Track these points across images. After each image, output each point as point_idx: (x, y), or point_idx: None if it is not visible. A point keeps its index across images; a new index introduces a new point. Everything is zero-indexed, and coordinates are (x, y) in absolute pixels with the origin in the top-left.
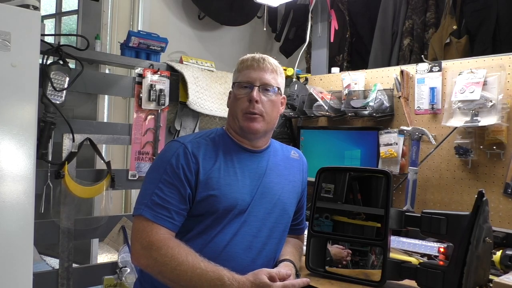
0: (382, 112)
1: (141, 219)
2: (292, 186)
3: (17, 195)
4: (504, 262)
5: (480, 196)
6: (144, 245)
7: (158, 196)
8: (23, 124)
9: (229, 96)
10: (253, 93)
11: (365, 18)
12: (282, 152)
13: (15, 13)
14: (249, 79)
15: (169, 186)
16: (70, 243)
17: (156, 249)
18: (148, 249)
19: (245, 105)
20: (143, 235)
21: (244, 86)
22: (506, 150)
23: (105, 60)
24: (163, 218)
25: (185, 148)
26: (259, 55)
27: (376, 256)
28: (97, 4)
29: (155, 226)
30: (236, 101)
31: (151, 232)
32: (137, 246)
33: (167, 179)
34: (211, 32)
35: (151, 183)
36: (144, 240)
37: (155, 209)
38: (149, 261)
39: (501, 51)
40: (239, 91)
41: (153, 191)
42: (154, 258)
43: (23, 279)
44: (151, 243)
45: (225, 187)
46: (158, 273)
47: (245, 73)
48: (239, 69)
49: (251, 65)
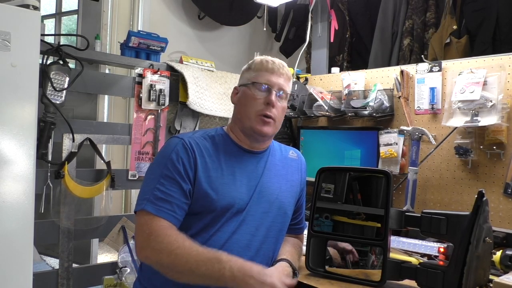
0: (382, 112)
1: (143, 213)
2: (290, 185)
3: (17, 195)
4: (504, 262)
5: (480, 196)
6: (145, 237)
7: (160, 190)
8: (23, 124)
9: (235, 91)
10: (272, 97)
11: (365, 18)
12: (281, 152)
13: (15, 13)
14: (268, 82)
15: (170, 181)
16: (70, 243)
17: (154, 238)
18: (147, 240)
19: (261, 107)
20: (144, 228)
21: (263, 88)
22: (506, 150)
23: (105, 60)
24: (165, 211)
25: (184, 143)
26: (278, 60)
27: (376, 256)
28: (97, 4)
29: (156, 219)
30: (251, 101)
31: (152, 225)
32: (139, 239)
33: (168, 174)
34: (211, 32)
35: (152, 178)
36: (145, 233)
37: (157, 203)
38: (148, 251)
39: (501, 51)
40: (256, 92)
41: (154, 186)
42: (152, 247)
43: (23, 279)
44: (151, 233)
45: (222, 186)
46: (156, 262)
47: (264, 75)
48: (256, 69)
49: (272, 69)
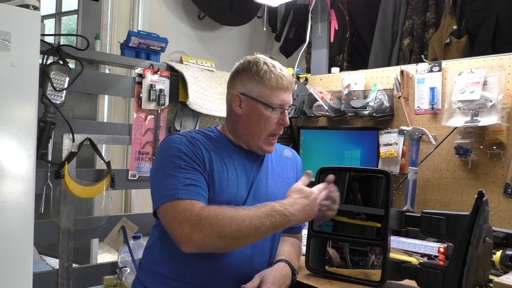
0: (382, 112)
1: (176, 203)
2: (286, 183)
3: (17, 195)
4: (504, 262)
5: (480, 196)
6: (193, 221)
7: (185, 178)
8: (23, 124)
9: (238, 99)
10: (287, 119)
11: (365, 18)
12: (276, 151)
13: (15, 13)
14: (283, 103)
15: (190, 170)
16: (70, 243)
17: (205, 217)
18: (198, 222)
19: (274, 127)
20: (187, 214)
21: (278, 109)
22: (506, 150)
23: (105, 60)
24: (198, 194)
25: (188, 139)
26: (287, 73)
27: (376, 256)
28: (97, 4)
29: (194, 202)
30: (265, 121)
31: (193, 208)
32: (186, 226)
33: (186, 165)
34: (211, 32)
35: (169, 173)
36: (192, 216)
37: (189, 189)
38: (204, 231)
39: (501, 51)
40: (272, 113)
41: (178, 177)
42: (208, 224)
43: (23, 279)
44: (198, 215)
45: (225, 181)
46: (217, 237)
47: (279, 95)
48: (270, 86)
49: (286, 88)
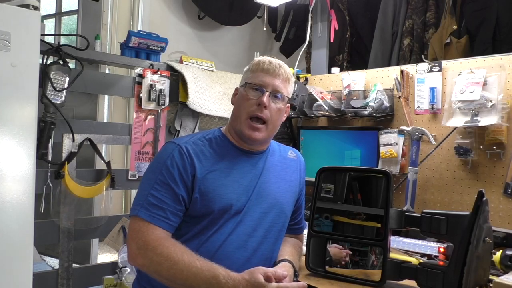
0: (382, 112)
1: (137, 219)
2: (289, 185)
3: (17, 195)
4: (504, 262)
5: (480, 196)
6: (140, 245)
7: (153, 196)
8: (23, 124)
9: (235, 92)
10: (264, 98)
11: (365, 18)
12: (280, 152)
13: (15, 13)
14: (262, 83)
15: (164, 187)
16: (70, 243)
17: (151, 248)
18: (144, 249)
19: (252, 108)
20: (138, 235)
21: (255, 89)
22: (506, 150)
23: (105, 60)
24: (159, 218)
25: (180, 149)
26: (276, 61)
27: (376, 256)
28: (97, 4)
29: (150, 226)
30: (244, 101)
31: (147, 232)
32: (133, 246)
33: (162, 180)
34: (211, 32)
35: (146, 184)
36: (140, 240)
37: (151, 210)
38: (145, 260)
39: (501, 51)
40: (249, 92)
41: (148, 191)
42: (149, 257)
43: (23, 279)
44: (147, 242)
45: (220, 188)
46: (154, 272)
47: (259, 76)
48: (253, 70)
49: (267, 70)
